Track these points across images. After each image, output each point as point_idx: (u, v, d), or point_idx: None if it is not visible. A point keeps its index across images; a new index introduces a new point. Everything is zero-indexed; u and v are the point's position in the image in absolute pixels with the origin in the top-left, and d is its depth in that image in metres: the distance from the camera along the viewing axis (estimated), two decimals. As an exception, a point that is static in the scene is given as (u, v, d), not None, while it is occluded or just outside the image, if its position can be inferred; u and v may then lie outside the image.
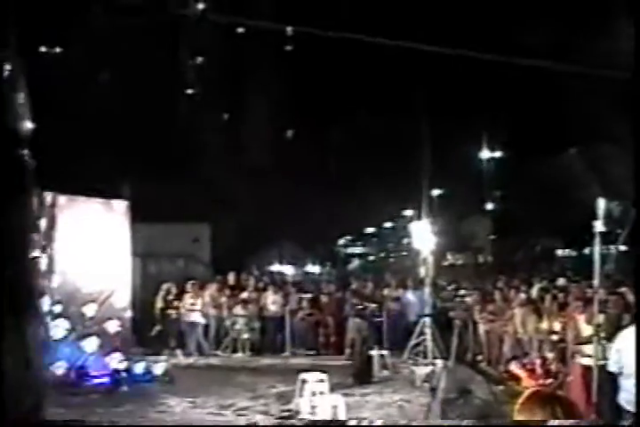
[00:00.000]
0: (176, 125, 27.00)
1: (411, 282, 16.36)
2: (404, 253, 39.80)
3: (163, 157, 24.99)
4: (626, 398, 6.10)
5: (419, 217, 14.71)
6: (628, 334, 6.20)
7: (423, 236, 13.61)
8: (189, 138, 27.29)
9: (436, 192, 31.35)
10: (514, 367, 10.63)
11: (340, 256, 42.56)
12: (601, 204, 5.94)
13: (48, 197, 11.76)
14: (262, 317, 16.09)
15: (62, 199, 12.07)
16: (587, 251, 29.07)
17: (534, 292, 12.91)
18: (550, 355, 10.24)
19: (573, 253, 30.40)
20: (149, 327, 15.16)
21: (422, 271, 13.84)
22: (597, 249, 5.99)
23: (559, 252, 31.17)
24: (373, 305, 13.96)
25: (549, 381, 8.14)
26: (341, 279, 19.36)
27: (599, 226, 6.01)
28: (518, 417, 2.75)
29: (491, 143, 30.36)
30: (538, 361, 10.37)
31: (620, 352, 5.97)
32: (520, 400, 2.81)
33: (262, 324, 16.08)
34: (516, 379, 10.56)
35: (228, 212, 28.20)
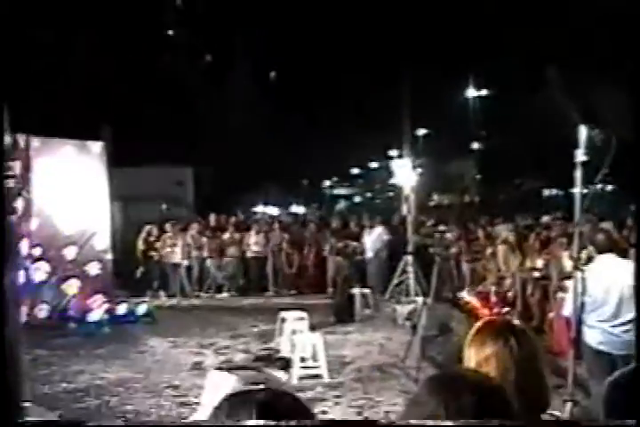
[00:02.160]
0: (157, 67, 26.46)
1: (394, 221, 16.22)
2: (391, 194, 39.73)
3: (145, 101, 24.55)
4: (591, 334, 6.01)
5: (401, 156, 14.46)
6: (596, 263, 6.09)
7: (405, 173, 13.37)
8: (171, 80, 26.79)
9: (421, 132, 31.05)
10: (466, 295, 10.48)
11: (326, 197, 42.39)
12: (582, 131, 5.67)
13: (21, 139, 11.48)
14: (245, 257, 16.04)
15: (36, 141, 11.82)
16: (573, 190, 29.15)
17: (505, 232, 12.70)
18: (508, 281, 10.04)
19: (560, 193, 30.34)
20: (132, 270, 15.10)
21: (404, 209, 13.66)
22: (579, 179, 5.73)
23: (545, 191, 31.08)
24: (354, 244, 13.82)
25: (505, 309, 7.85)
26: (325, 219, 19.17)
27: (580, 155, 5.74)
28: (469, 350, 2.45)
29: (476, 81, 29.86)
30: (492, 288, 10.18)
31: (585, 281, 5.86)
32: (472, 331, 2.52)
33: (245, 264, 16.04)
34: (472, 309, 10.35)
35: (212, 154, 27.91)
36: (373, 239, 14.95)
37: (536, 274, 10.79)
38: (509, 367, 2.33)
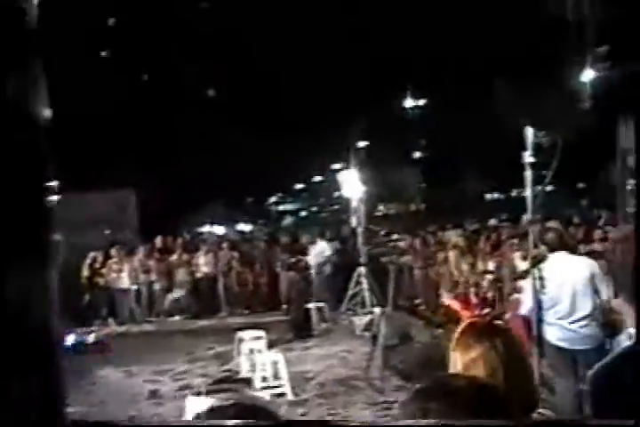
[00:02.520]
0: (95, 86, 25.95)
1: (345, 233, 16.18)
2: (336, 208, 39.75)
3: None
4: (551, 332, 6.06)
5: (347, 167, 14.45)
6: (549, 261, 6.15)
7: (352, 185, 13.37)
8: (111, 100, 26.31)
9: (362, 144, 31.21)
10: (446, 300, 10.51)
11: (272, 214, 42.17)
12: (528, 134, 5.72)
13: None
14: (195, 278, 15.77)
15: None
16: (514, 193, 29.63)
17: (455, 238, 12.79)
18: (485, 284, 10.13)
19: (501, 196, 30.87)
20: (79, 298, 14.63)
21: (354, 221, 13.62)
22: (529, 180, 5.76)
23: (487, 195, 31.57)
24: (306, 258, 13.71)
25: (486, 310, 7.86)
26: (274, 236, 19.03)
27: (527, 157, 5.79)
28: (454, 353, 2.40)
29: (414, 91, 30.24)
30: (472, 290, 10.22)
31: (542, 279, 5.91)
32: (455, 335, 2.47)
33: (195, 285, 15.76)
34: (453, 313, 10.38)
35: (155, 176, 27.46)
36: (316, 255, 14.77)
37: (489, 276, 10.84)
38: (497, 368, 2.28)
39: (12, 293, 0.90)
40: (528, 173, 5.86)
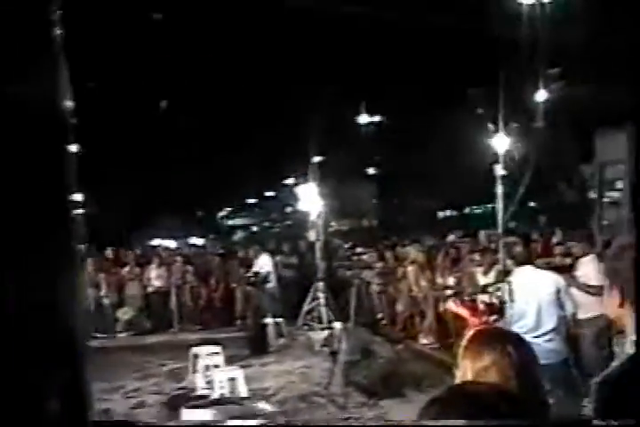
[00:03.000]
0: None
1: (301, 247, 16.08)
2: (289, 223, 39.60)
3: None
4: None
5: (305, 181, 14.37)
6: (515, 275, 6.15)
7: (311, 198, 13.30)
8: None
9: (317, 159, 31.16)
10: (452, 306, 10.26)
11: (223, 228, 41.84)
12: (501, 147, 5.74)
13: None
14: (146, 293, 15.42)
15: None
16: (466, 211, 29.96)
17: (413, 253, 12.74)
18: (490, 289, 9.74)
19: (454, 213, 31.17)
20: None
21: (312, 235, 13.50)
22: (500, 192, 5.74)
23: (440, 213, 31.84)
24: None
25: (494, 317, 7.54)
26: (229, 250, 18.80)
27: (499, 169, 5.80)
28: (464, 361, 2.30)
29: (370, 108, 30.37)
30: (479, 296, 9.93)
31: (512, 294, 5.92)
32: (464, 342, 2.37)
33: (146, 300, 15.41)
34: (460, 320, 10.10)
35: (103, 190, 27.02)
36: (259, 268, 14.55)
37: (448, 292, 10.78)
38: (510, 376, 2.20)
39: (41, 295, 0.93)
40: (499, 187, 5.86)
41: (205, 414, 4.45)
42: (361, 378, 8.65)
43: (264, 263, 14.20)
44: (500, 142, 5.75)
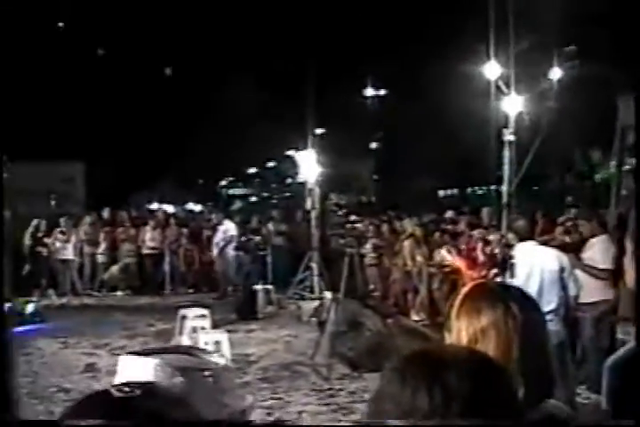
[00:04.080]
0: (48, 60, 25.19)
1: (297, 217, 15.98)
2: (288, 195, 39.33)
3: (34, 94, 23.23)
4: None
5: (305, 148, 14.15)
6: (517, 250, 5.96)
7: (309, 165, 13.21)
8: (63, 73, 25.57)
9: (319, 131, 30.81)
10: (446, 255, 9.76)
11: (222, 197, 41.56)
12: (512, 108, 5.39)
13: None
14: (140, 254, 15.33)
15: None
16: (468, 190, 29.62)
17: (411, 227, 12.51)
18: (492, 237, 8.73)
19: (454, 192, 30.85)
20: (20, 267, 13.99)
21: (308, 203, 13.28)
22: (507, 159, 5.41)
23: (440, 192, 31.52)
24: (257, 238, 13.35)
25: (494, 271, 6.93)
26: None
27: (507, 134, 5.44)
28: (458, 322, 1.88)
29: (375, 81, 29.92)
30: (479, 245, 9.13)
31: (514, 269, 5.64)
32: (459, 299, 1.95)
33: (140, 261, 15.35)
34: (454, 272, 9.67)
35: (105, 151, 26.73)
36: (220, 236, 14.39)
37: (445, 269, 10.54)
38: (512, 342, 1.81)
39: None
40: (506, 153, 5.53)
41: (146, 363, 4.17)
42: (347, 350, 8.41)
43: (227, 229, 13.98)
44: (511, 104, 5.39)
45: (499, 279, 5.71)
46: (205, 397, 4.00)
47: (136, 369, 4.21)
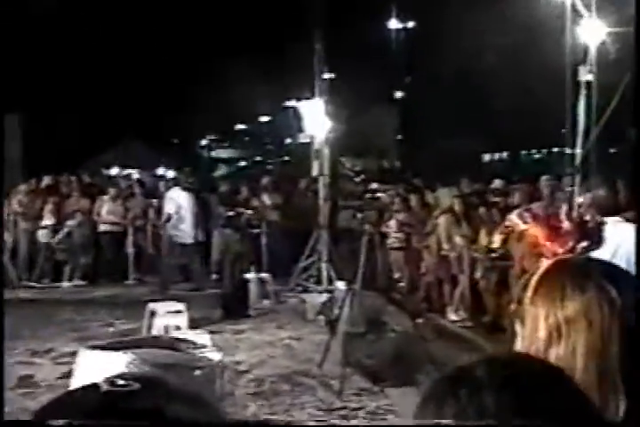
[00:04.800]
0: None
1: (301, 185, 16.13)
2: (287, 159, 39.33)
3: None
4: None
5: (311, 97, 14.10)
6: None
7: (316, 119, 13.30)
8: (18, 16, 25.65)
9: (328, 76, 30.55)
10: (517, 220, 9.50)
11: (204, 160, 41.68)
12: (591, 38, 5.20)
13: None
14: (95, 231, 15.39)
15: None
16: (522, 155, 29.51)
17: (448, 199, 12.50)
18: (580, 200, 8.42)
19: (504, 157, 30.77)
20: None
21: (315, 168, 13.22)
22: (582, 105, 5.24)
23: (485, 156, 31.49)
24: (249, 212, 13.37)
25: (585, 244, 6.67)
26: (208, 184, 18.68)
27: (584, 73, 5.24)
28: (535, 308, 1.75)
29: (400, 11, 29.65)
30: (563, 208, 8.77)
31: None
32: (535, 279, 1.81)
33: (96, 242, 15.43)
34: (530, 244, 9.46)
35: (50, 99, 26.71)
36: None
37: (492, 254, 10.48)
38: (610, 334, 1.67)
39: None
40: (581, 101, 5.36)
41: (115, 360, 4.11)
42: (364, 357, 8.43)
43: (175, 197, 13.97)
44: (591, 32, 5.13)
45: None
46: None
47: (101, 368, 4.14)
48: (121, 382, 1.05)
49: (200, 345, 5.72)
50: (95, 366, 4.28)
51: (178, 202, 13.90)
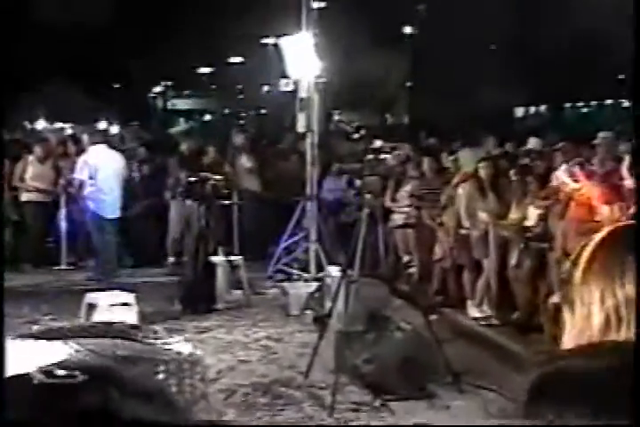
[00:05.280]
0: None
1: (283, 144, 16.07)
2: (264, 111, 39.39)
3: None
4: None
5: (296, 30, 14.10)
6: None
7: (302, 56, 13.27)
8: None
9: (318, 5, 30.44)
10: (564, 177, 9.55)
11: (157, 112, 41.76)
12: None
13: None
14: (17, 202, 15.47)
15: None
16: (566, 108, 29.59)
17: (471, 162, 12.55)
18: None
19: (542, 111, 30.87)
20: None
21: (301, 121, 13.34)
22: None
23: (518, 110, 31.61)
24: (216, 178, 13.33)
25: None
26: (161, 143, 18.68)
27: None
28: (586, 286, 1.80)
29: None
30: (624, 164, 8.83)
31: None
32: (589, 249, 1.87)
33: (18, 213, 15.46)
34: (582, 206, 9.48)
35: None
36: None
37: (526, 233, 10.54)
38: None
39: None
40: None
41: (56, 351, 4.20)
42: (363, 363, 8.45)
43: (93, 159, 13.93)
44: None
45: None
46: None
47: (39, 360, 4.20)
48: (61, 372, 1.07)
49: (161, 334, 5.78)
50: (33, 359, 4.34)
51: (97, 165, 13.78)
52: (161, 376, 4.73)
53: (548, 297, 9.56)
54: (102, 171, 13.69)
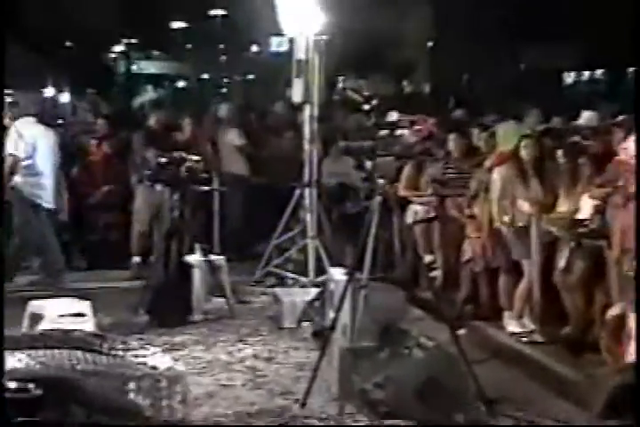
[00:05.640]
0: None
1: (274, 117, 16.19)
2: (252, 77, 39.46)
3: None
4: None
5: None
6: None
7: (299, 11, 13.43)
8: None
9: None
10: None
11: (119, 77, 41.85)
12: None
13: None
14: None
15: None
16: (629, 73, 29.57)
17: (510, 140, 12.57)
18: None
19: (597, 75, 30.94)
20: None
21: (297, 91, 13.40)
22: None
23: (568, 76, 31.68)
24: (193, 158, 13.33)
25: None
26: (125, 115, 18.70)
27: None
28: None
29: None
30: None
31: None
32: None
33: None
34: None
35: None
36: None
37: (580, 229, 10.51)
38: None
39: None
40: None
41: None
42: (374, 387, 8.38)
43: (24, 135, 13.91)
44: None
45: None
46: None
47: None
48: (12, 384, 1.08)
49: (136, 346, 5.80)
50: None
51: (35, 141, 13.76)
52: (131, 395, 4.77)
53: (606, 308, 9.58)
54: (40, 149, 13.71)
